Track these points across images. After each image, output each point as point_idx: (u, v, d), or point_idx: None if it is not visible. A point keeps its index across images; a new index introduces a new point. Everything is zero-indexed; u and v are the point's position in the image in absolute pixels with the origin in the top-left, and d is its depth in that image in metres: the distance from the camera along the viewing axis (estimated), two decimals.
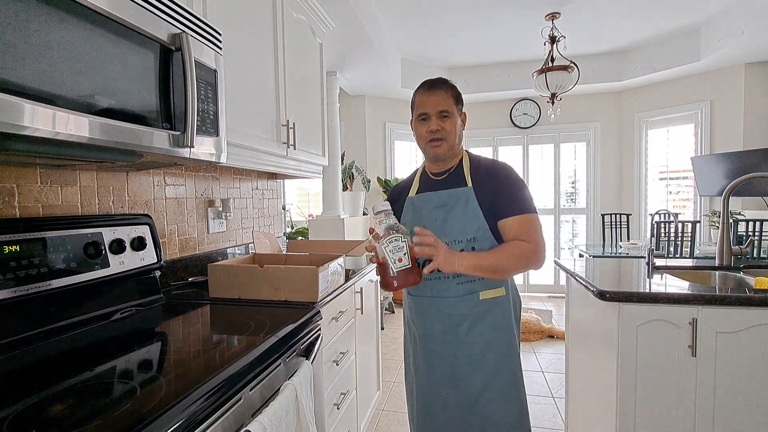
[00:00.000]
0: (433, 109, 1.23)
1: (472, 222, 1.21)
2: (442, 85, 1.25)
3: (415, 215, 1.31)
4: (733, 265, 1.80)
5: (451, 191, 1.25)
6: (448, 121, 1.23)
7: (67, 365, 0.87)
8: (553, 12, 3.39)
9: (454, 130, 1.25)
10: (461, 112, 1.30)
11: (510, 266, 1.16)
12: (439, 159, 1.28)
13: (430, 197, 1.28)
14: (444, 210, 1.25)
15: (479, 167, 1.27)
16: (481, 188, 1.22)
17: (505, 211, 1.20)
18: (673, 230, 3.35)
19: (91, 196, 1.26)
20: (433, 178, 1.33)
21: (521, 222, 1.18)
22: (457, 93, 1.28)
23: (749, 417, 1.31)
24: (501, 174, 1.24)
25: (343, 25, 2.79)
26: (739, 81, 3.84)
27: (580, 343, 1.86)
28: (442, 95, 1.23)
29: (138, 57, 0.91)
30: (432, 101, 1.23)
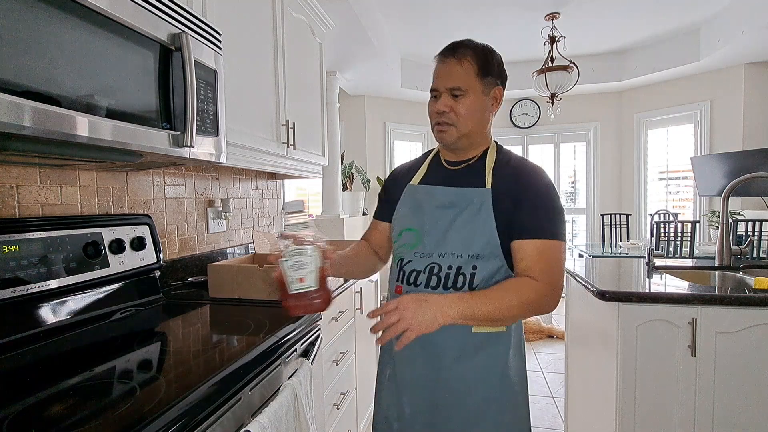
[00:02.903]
0: (442, 84, 0.94)
1: (480, 234, 0.92)
2: (461, 51, 0.94)
3: (413, 210, 1.02)
4: (733, 265, 1.80)
5: (464, 190, 0.97)
6: (463, 100, 0.93)
7: (67, 365, 0.87)
8: (553, 12, 3.39)
9: (472, 113, 0.94)
10: (491, 88, 0.96)
11: (513, 316, 0.88)
12: (448, 147, 1.02)
13: (435, 192, 1.00)
14: (450, 212, 0.96)
15: (506, 166, 0.98)
16: (502, 193, 0.93)
17: (523, 231, 0.91)
18: (672, 230, 3.35)
19: (91, 196, 1.26)
20: (446, 167, 1.04)
21: (541, 251, 0.89)
22: (486, 60, 0.94)
23: (749, 416, 1.32)
24: (531, 180, 0.94)
25: (343, 25, 2.79)
26: (739, 81, 3.84)
27: (580, 343, 1.86)
28: (459, 65, 0.93)
29: (138, 57, 0.91)
30: (443, 72, 0.95)
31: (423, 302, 0.81)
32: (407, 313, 0.79)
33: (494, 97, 0.98)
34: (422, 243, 0.97)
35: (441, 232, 0.96)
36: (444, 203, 0.98)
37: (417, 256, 0.97)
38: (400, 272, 0.99)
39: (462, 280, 0.92)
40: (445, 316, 0.81)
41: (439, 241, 0.95)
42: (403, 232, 1.02)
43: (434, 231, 0.97)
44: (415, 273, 0.96)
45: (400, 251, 1.02)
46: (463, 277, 0.92)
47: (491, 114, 1.00)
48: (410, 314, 0.79)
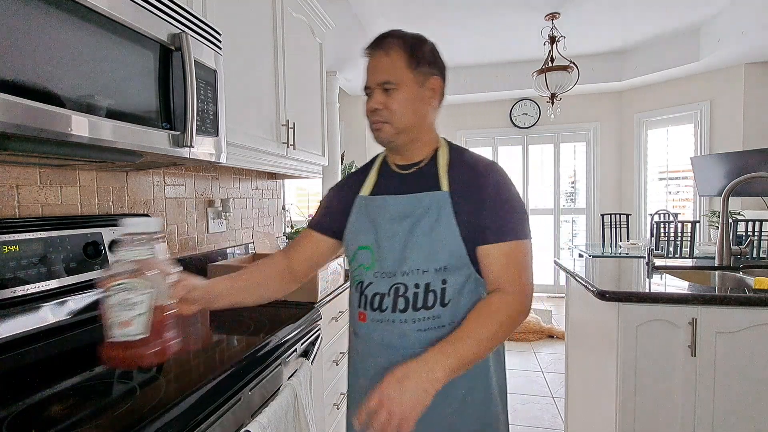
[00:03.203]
0: (372, 80, 0.86)
1: (444, 244, 0.83)
2: (387, 42, 0.86)
3: (366, 225, 0.91)
4: (733, 265, 1.80)
5: (419, 196, 0.86)
6: (395, 94, 0.84)
7: (67, 365, 0.87)
8: (553, 12, 3.39)
9: (406, 107, 0.85)
10: (426, 78, 0.87)
11: (498, 341, 0.80)
12: (389, 148, 0.92)
13: (387, 203, 0.89)
14: (407, 223, 0.85)
15: (460, 164, 0.89)
16: (460, 195, 0.85)
17: (488, 235, 0.83)
18: (672, 230, 3.35)
19: (91, 196, 1.26)
20: (397, 172, 0.94)
21: (509, 254, 0.83)
22: (417, 49, 0.86)
23: (749, 416, 1.32)
24: (489, 178, 0.86)
25: (343, 25, 2.79)
26: (738, 81, 3.84)
27: (580, 343, 1.86)
28: (386, 56, 0.85)
29: (138, 57, 0.91)
30: (371, 67, 0.87)
31: (404, 381, 0.70)
32: (393, 404, 0.68)
33: (432, 88, 0.88)
34: (379, 261, 0.86)
35: (400, 247, 0.85)
36: (399, 214, 0.87)
37: (378, 276, 0.86)
38: (361, 297, 0.89)
39: (432, 298, 0.83)
40: (434, 382, 0.71)
41: (400, 258, 0.84)
42: (357, 251, 0.91)
43: (392, 247, 0.86)
44: (378, 296, 0.86)
45: (358, 273, 0.90)
46: (433, 295, 0.83)
47: (431, 108, 0.90)
48: (396, 403, 0.68)
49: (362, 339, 0.90)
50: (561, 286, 5.02)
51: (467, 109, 5.25)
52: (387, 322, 0.85)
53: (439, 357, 0.73)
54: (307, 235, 1.01)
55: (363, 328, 0.89)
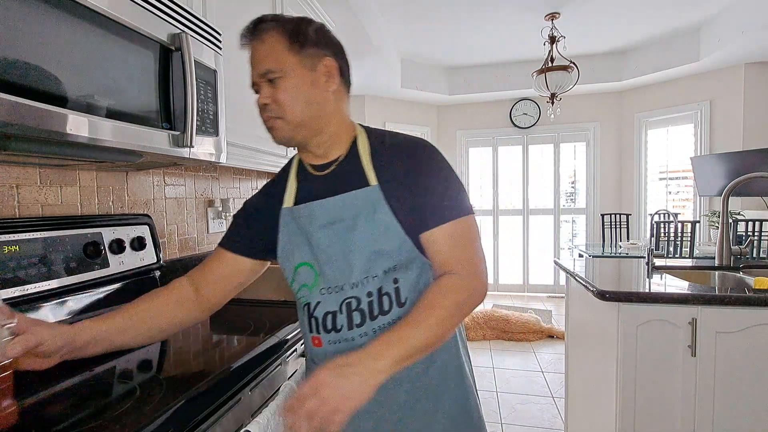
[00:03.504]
0: (255, 74, 0.77)
1: (387, 241, 0.76)
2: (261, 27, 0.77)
3: (299, 240, 0.82)
4: (733, 265, 1.80)
5: (347, 196, 0.77)
6: (282, 83, 0.74)
7: (67, 365, 0.87)
8: (552, 12, 3.39)
9: (297, 96, 0.75)
10: (316, 60, 0.77)
11: (451, 327, 0.74)
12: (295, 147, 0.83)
13: (314, 211, 0.79)
14: (342, 228, 0.77)
15: (384, 150, 0.80)
16: (392, 184, 0.77)
17: (428, 219, 0.76)
18: (672, 230, 3.35)
19: (91, 196, 1.26)
20: (315, 173, 0.83)
21: (452, 235, 0.76)
22: (298, 30, 0.76)
23: (749, 416, 1.32)
24: (417, 157, 0.78)
25: (343, 25, 2.79)
26: (739, 81, 3.85)
27: (580, 343, 1.86)
28: (262, 44, 0.76)
29: (138, 57, 0.91)
30: (251, 59, 0.78)
31: (343, 368, 0.63)
32: (327, 391, 0.61)
33: (327, 72, 0.78)
34: (322, 276, 0.78)
35: (341, 257, 0.77)
36: (330, 220, 0.78)
37: (324, 293, 0.78)
38: (311, 320, 0.80)
39: (387, 301, 0.76)
40: (377, 373, 0.64)
41: (344, 269, 0.76)
42: (296, 269, 0.82)
43: (332, 257, 0.77)
44: (330, 316, 0.78)
45: (303, 294, 0.81)
46: (388, 298, 0.76)
47: (330, 92, 0.79)
48: (331, 391, 0.61)
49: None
50: (561, 286, 5.02)
51: (467, 109, 5.25)
52: (345, 341, 0.77)
53: (384, 347, 0.66)
54: (218, 255, 0.88)
55: (320, 354, 0.80)
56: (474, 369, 3.02)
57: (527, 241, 5.27)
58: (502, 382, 2.83)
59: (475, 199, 5.44)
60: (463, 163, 5.34)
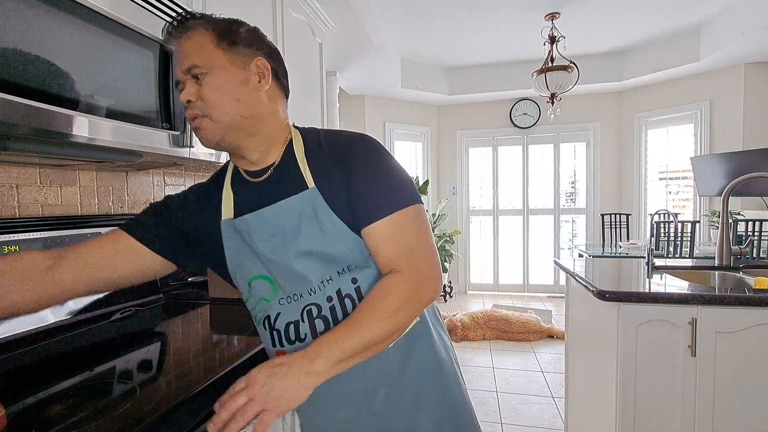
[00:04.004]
0: (179, 71, 0.71)
1: (336, 244, 0.73)
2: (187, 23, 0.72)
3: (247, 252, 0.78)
4: (733, 265, 1.80)
5: (285, 204, 0.73)
6: (206, 79, 0.70)
7: (67, 365, 0.87)
8: (553, 12, 3.39)
9: (224, 94, 0.70)
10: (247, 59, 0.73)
11: (398, 325, 0.70)
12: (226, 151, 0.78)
13: (251, 223, 0.75)
14: (287, 236, 0.73)
15: (319, 149, 0.77)
16: (330, 184, 0.73)
17: (369, 213, 0.72)
18: (672, 230, 3.35)
19: (91, 196, 1.26)
20: (251, 180, 0.79)
21: (393, 228, 0.72)
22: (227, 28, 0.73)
23: (749, 416, 1.32)
24: (353, 152, 0.74)
25: (343, 25, 2.79)
26: (739, 81, 3.85)
27: (580, 343, 1.86)
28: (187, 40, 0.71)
29: (138, 57, 0.91)
30: (176, 57, 0.72)
31: (278, 367, 0.62)
32: (257, 389, 0.60)
33: (259, 72, 0.74)
34: (281, 287, 0.75)
35: (292, 266, 0.73)
36: (272, 231, 0.74)
37: (284, 303, 0.75)
38: (273, 333, 0.76)
39: (350, 303, 0.73)
40: (312, 375, 0.62)
41: (298, 277, 0.73)
42: (251, 282, 0.78)
43: (284, 270, 0.74)
44: (292, 326, 0.74)
45: (261, 307, 0.78)
46: (350, 299, 0.74)
47: (262, 93, 0.74)
48: (262, 389, 0.60)
49: None
50: (561, 286, 5.02)
51: (467, 109, 5.25)
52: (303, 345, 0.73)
53: (321, 348, 0.64)
54: (114, 236, 0.78)
55: None
56: (474, 369, 3.02)
57: (527, 241, 5.27)
58: (502, 382, 2.83)
59: (475, 199, 5.44)
60: (463, 163, 5.35)
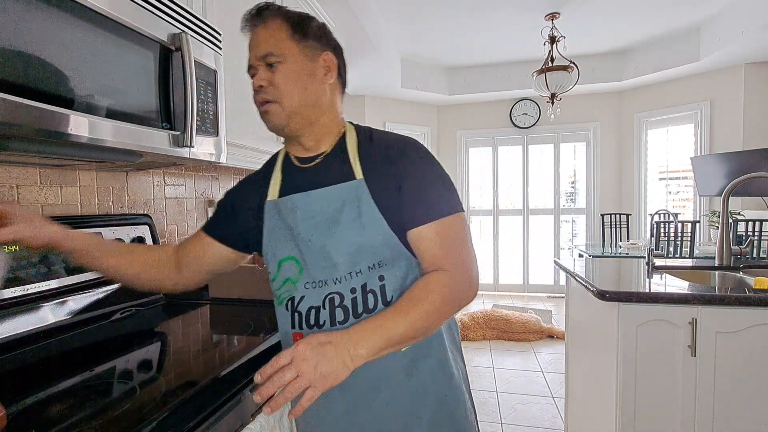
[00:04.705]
0: (253, 57, 0.77)
1: (372, 236, 0.75)
2: (266, 13, 0.78)
3: (283, 233, 0.81)
4: (733, 265, 1.80)
5: (332, 189, 0.77)
6: (280, 67, 0.75)
7: (67, 365, 0.87)
8: (553, 12, 3.39)
9: (294, 82, 0.75)
10: (316, 53, 0.78)
11: (434, 322, 0.72)
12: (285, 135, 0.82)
13: (297, 203, 0.78)
14: (325, 221, 0.76)
15: (371, 146, 0.80)
16: (378, 179, 0.76)
17: (416, 217, 0.75)
18: (672, 230, 3.35)
19: (91, 196, 1.26)
20: (300, 166, 0.83)
21: (440, 233, 0.75)
22: (301, 22, 0.78)
23: (749, 416, 1.32)
24: (405, 154, 0.77)
25: (343, 25, 2.79)
26: (739, 81, 3.85)
27: (580, 343, 1.86)
28: (265, 29, 0.77)
29: (138, 57, 0.91)
30: (252, 42, 0.78)
31: (326, 346, 0.64)
32: (306, 366, 0.61)
33: (326, 66, 0.80)
34: (306, 270, 0.77)
35: (324, 252, 0.75)
36: (314, 213, 0.77)
37: (308, 288, 0.77)
38: (294, 315, 0.78)
39: (372, 299, 0.75)
40: (355, 358, 0.65)
41: (328, 263, 0.75)
42: (281, 264, 0.80)
43: (316, 253, 0.76)
44: (314, 311, 0.76)
45: (286, 290, 0.80)
46: (373, 295, 0.75)
47: (327, 86, 0.80)
48: (310, 366, 0.62)
49: None
50: (561, 286, 5.02)
51: (467, 109, 5.25)
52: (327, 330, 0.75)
53: (365, 334, 0.66)
54: (198, 237, 0.90)
55: None
56: (474, 369, 3.02)
57: (527, 241, 5.27)
58: (502, 382, 2.83)
59: (475, 199, 5.44)
60: (463, 163, 5.34)
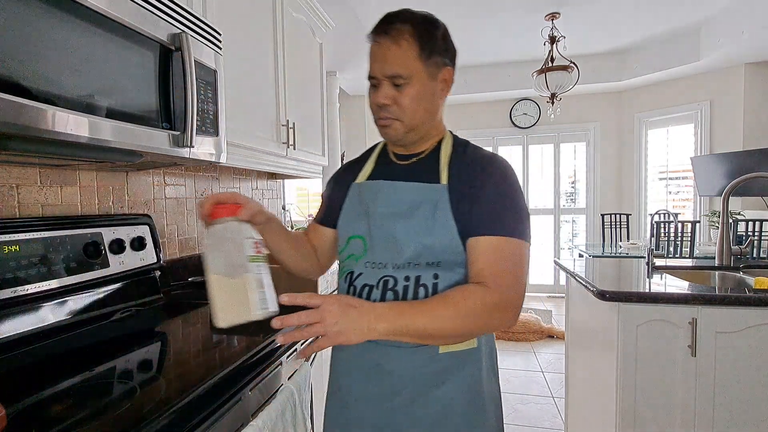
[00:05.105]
0: (380, 71, 0.78)
1: (439, 238, 0.78)
2: (397, 27, 0.76)
3: (358, 214, 0.87)
4: (733, 265, 1.80)
5: (416, 186, 0.81)
6: (406, 89, 0.77)
7: (67, 365, 0.87)
8: (553, 12, 3.39)
9: (418, 104, 0.79)
10: (438, 70, 0.80)
11: (456, 330, 0.72)
12: (395, 143, 0.87)
13: (382, 190, 0.84)
14: (401, 213, 0.81)
15: (463, 158, 0.83)
16: (459, 189, 0.79)
17: (479, 226, 0.76)
18: (672, 230, 3.35)
19: (91, 196, 1.26)
20: (395, 161, 0.89)
21: (497, 249, 0.75)
22: (429, 37, 0.78)
23: (749, 416, 1.32)
24: (492, 173, 0.80)
25: (343, 25, 2.79)
26: (739, 81, 3.84)
27: (580, 343, 1.86)
28: (396, 46, 0.76)
29: (138, 57, 0.91)
30: (379, 56, 0.78)
31: (351, 309, 0.67)
32: (329, 317, 0.65)
33: (443, 80, 0.82)
34: (371, 251, 0.82)
35: (392, 239, 0.80)
36: (393, 203, 0.82)
37: (368, 267, 0.82)
38: (350, 288, 0.83)
39: (423, 292, 0.77)
40: (371, 330, 0.67)
41: (392, 250, 0.80)
42: (349, 240, 0.86)
43: (384, 237, 0.81)
44: (367, 288, 0.81)
45: (348, 263, 0.86)
46: (424, 289, 0.78)
47: (442, 100, 0.85)
48: (332, 319, 0.65)
49: None
50: (561, 286, 5.02)
51: (467, 109, 5.25)
52: None
53: (390, 313, 0.69)
54: (312, 229, 1.01)
55: None
56: None
57: None
58: (502, 382, 2.81)
59: None
60: None
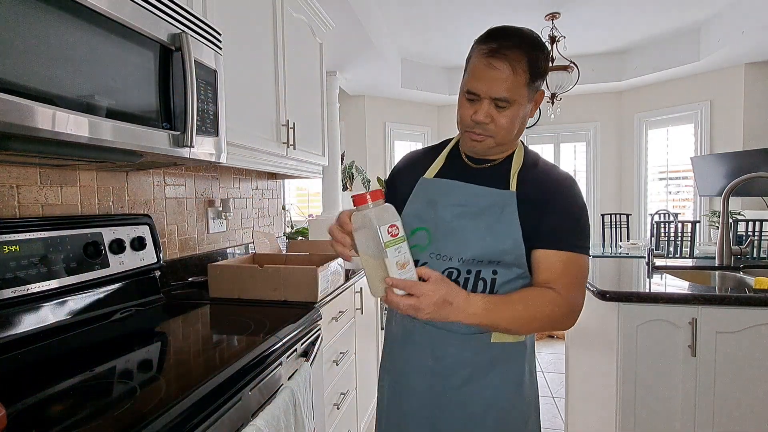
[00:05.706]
0: (486, 91, 0.80)
1: (504, 239, 0.84)
2: (516, 55, 0.77)
3: (425, 207, 0.90)
4: (733, 265, 1.80)
5: (486, 190, 0.86)
6: (507, 112, 0.80)
7: (67, 365, 0.87)
8: (553, 12, 3.39)
9: (514, 124, 0.83)
10: (535, 93, 0.84)
11: (531, 328, 0.81)
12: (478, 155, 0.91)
13: (453, 188, 0.89)
14: (469, 212, 0.86)
15: (532, 169, 0.89)
16: (526, 198, 0.85)
17: (549, 241, 0.83)
18: (672, 230, 3.35)
19: (91, 196, 1.26)
20: (467, 162, 0.93)
21: (567, 264, 0.82)
22: (538, 65, 0.80)
23: (749, 416, 1.32)
24: (560, 188, 0.86)
25: (343, 25, 2.79)
26: (739, 81, 3.84)
27: (580, 343, 1.86)
28: (508, 73, 0.77)
29: (138, 57, 0.91)
30: (490, 78, 0.79)
31: (447, 306, 0.74)
32: (425, 301, 0.72)
33: (536, 101, 0.86)
34: (435, 243, 0.87)
35: (460, 235, 0.85)
36: (462, 201, 0.87)
37: (433, 257, 0.87)
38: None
39: (482, 285, 0.85)
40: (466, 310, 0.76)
41: (459, 245, 0.85)
42: (414, 232, 0.90)
43: (451, 232, 0.86)
44: None
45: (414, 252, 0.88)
46: (483, 283, 0.85)
47: (527, 119, 0.88)
48: (427, 307, 0.73)
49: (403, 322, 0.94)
50: None
51: None
52: None
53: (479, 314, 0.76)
54: None
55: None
56: None
57: None
58: None
59: None
60: None
